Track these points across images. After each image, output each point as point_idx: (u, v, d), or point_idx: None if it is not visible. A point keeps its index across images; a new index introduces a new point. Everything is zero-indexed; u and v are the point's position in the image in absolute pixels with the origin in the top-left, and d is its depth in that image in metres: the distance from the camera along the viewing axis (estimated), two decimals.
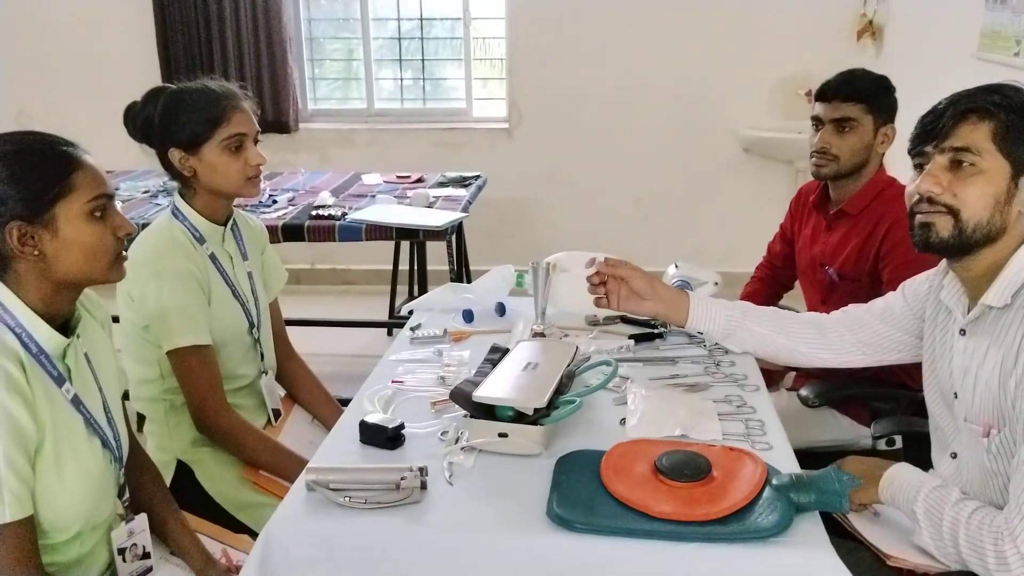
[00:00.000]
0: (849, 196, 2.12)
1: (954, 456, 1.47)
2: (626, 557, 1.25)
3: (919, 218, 1.38)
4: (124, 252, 1.41)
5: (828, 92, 2.08)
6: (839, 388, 2.04)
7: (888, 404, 2.00)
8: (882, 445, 1.91)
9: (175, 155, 1.82)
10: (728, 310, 1.81)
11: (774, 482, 1.33)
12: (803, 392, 1.99)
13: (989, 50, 2.93)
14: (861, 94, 2.05)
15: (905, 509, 1.38)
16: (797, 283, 2.46)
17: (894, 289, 1.76)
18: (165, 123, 1.82)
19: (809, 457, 1.52)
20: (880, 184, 2.09)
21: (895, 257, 2.00)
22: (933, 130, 1.36)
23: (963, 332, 1.43)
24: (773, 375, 2.14)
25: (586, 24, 4.42)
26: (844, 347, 1.74)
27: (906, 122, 2.12)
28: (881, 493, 1.40)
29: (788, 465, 1.44)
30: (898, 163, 2.42)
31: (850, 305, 1.77)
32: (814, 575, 1.22)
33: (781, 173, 4.46)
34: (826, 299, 2.21)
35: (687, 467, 1.36)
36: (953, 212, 1.33)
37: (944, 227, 1.35)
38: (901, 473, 1.40)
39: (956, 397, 1.44)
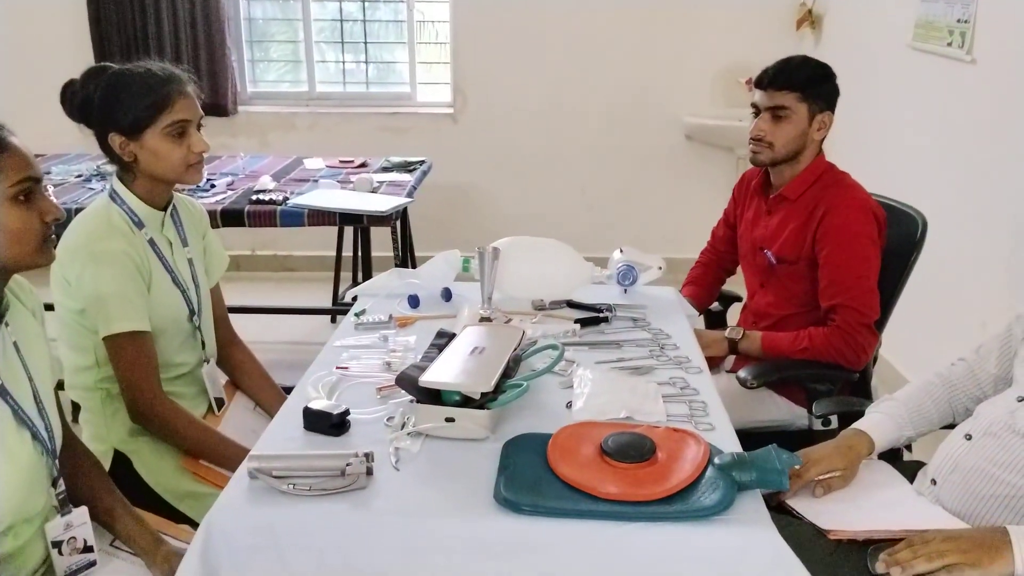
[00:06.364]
0: (788, 181, 2.16)
1: (968, 438, 1.53)
2: (573, 538, 1.26)
3: None
4: (53, 235, 1.36)
5: (764, 80, 2.10)
6: (776, 370, 2.08)
7: (824, 385, 2.05)
8: (818, 425, 1.96)
9: (115, 140, 1.76)
10: (895, 421, 1.68)
11: (716, 461, 1.36)
12: (741, 374, 2.03)
13: (923, 40, 2.99)
14: (795, 83, 2.06)
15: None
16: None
17: (828, 272, 1.78)
18: (105, 107, 1.75)
19: (749, 438, 1.55)
20: (818, 170, 2.13)
21: (830, 241, 2.04)
22: None
23: None
24: (714, 358, 2.17)
25: (531, 10, 4.42)
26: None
27: (843, 109, 2.17)
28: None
29: (730, 445, 1.46)
30: (838, 149, 2.48)
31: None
32: (756, 551, 1.25)
33: (722, 160, 4.53)
34: (765, 282, 2.25)
35: (632, 448, 1.37)
36: None
37: None
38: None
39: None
